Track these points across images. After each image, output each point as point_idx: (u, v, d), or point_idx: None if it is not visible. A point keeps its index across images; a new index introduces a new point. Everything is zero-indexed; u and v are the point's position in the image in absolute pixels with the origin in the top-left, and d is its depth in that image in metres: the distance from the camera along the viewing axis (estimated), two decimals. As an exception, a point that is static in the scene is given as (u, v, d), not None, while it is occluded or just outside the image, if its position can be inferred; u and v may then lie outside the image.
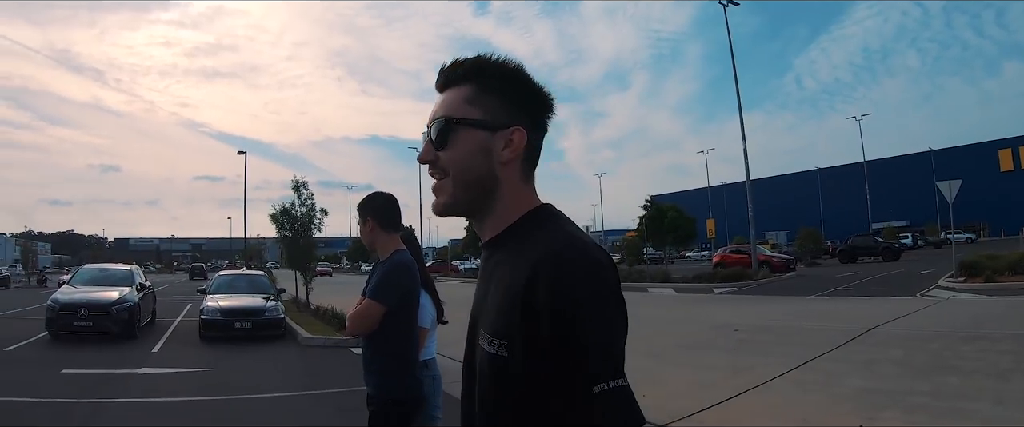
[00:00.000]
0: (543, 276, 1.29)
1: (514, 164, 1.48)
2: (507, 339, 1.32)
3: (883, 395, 7.63)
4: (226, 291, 18.90)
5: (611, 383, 1.22)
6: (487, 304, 1.43)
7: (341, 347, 14.46)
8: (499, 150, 1.46)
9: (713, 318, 16.06)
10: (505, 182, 1.47)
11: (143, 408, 9.25)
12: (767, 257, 38.81)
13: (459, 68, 1.51)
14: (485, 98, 1.47)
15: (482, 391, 1.40)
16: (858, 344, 10.89)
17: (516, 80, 1.50)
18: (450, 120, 1.47)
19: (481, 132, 1.46)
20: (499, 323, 1.35)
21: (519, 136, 1.46)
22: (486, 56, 1.51)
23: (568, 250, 1.33)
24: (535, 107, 1.51)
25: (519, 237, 1.43)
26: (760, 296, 24.10)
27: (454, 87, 1.51)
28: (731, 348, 11.43)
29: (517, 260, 1.36)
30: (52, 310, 16.15)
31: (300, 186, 23.92)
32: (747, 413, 7.21)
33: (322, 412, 9.05)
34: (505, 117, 1.46)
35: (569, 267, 1.29)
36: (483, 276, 1.52)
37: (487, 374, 1.37)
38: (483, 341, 1.38)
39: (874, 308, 16.41)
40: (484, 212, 1.50)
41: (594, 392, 1.21)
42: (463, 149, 1.46)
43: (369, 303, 3.84)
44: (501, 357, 1.33)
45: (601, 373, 1.22)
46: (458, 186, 1.47)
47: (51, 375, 11.35)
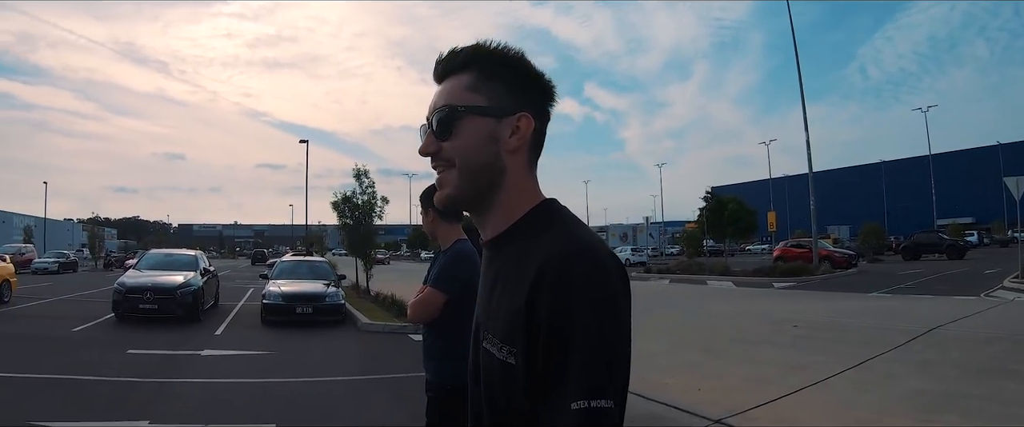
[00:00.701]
0: (546, 283, 1.25)
1: (521, 152, 1.43)
2: (515, 346, 1.29)
3: (941, 398, 7.51)
4: (288, 277, 19.20)
5: (592, 403, 1.16)
6: (493, 307, 1.38)
7: (399, 333, 14.65)
8: (506, 137, 1.41)
9: (771, 313, 15.92)
10: (512, 172, 1.43)
11: (205, 388, 9.49)
12: (829, 252, 38.27)
13: (458, 56, 1.46)
14: (488, 85, 1.42)
15: (491, 395, 1.38)
16: (917, 344, 10.72)
17: (519, 65, 1.44)
18: (454, 108, 1.41)
19: (487, 119, 1.41)
20: (507, 329, 1.31)
21: (526, 122, 1.41)
22: (485, 42, 1.45)
23: (572, 257, 1.27)
24: (539, 94, 1.46)
25: (525, 237, 1.39)
26: (820, 292, 23.77)
27: (454, 76, 1.46)
28: (788, 344, 11.33)
29: (523, 263, 1.32)
30: (118, 293, 16.62)
31: (361, 174, 24.11)
32: (802, 411, 7.16)
33: (380, 396, 9.19)
34: (510, 103, 1.41)
35: (570, 276, 1.25)
36: (487, 276, 1.47)
37: (496, 379, 1.35)
38: (491, 346, 1.35)
39: (936, 307, 16.12)
40: (489, 204, 1.45)
41: (572, 409, 1.16)
42: (469, 137, 1.41)
43: (431, 291, 3.92)
44: (509, 364, 1.30)
45: (583, 390, 1.17)
46: (464, 176, 1.42)
47: (117, 355, 11.69)
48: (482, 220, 1.48)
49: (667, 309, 17.17)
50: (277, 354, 12.54)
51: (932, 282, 25.92)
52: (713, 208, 40.78)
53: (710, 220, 41.72)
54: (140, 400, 8.44)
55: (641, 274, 39.35)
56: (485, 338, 1.38)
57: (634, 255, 60.61)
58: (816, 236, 37.41)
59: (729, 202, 39.81)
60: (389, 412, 8.27)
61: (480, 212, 1.47)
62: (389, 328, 15.52)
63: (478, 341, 1.43)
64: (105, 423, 7.31)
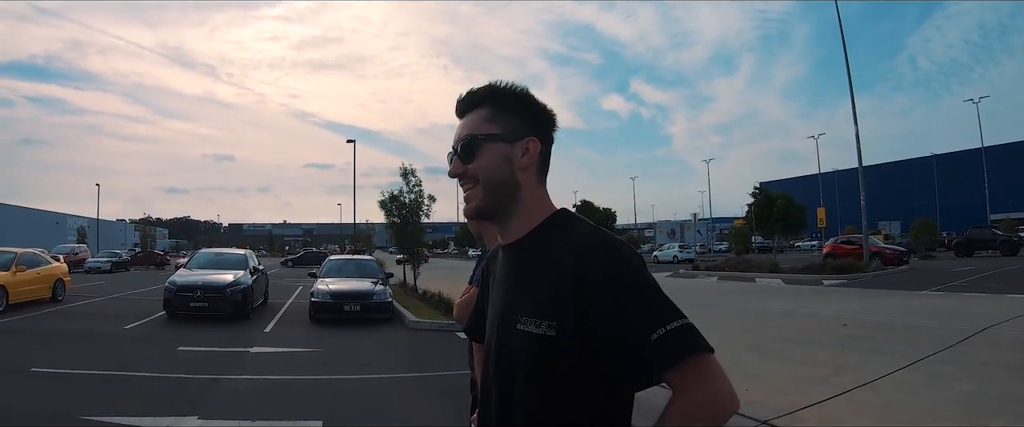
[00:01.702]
0: (591, 258, 1.54)
1: (531, 170, 1.75)
2: (556, 319, 1.55)
3: (993, 401, 7.32)
4: (336, 275, 19.43)
5: (668, 326, 1.46)
6: (525, 292, 1.65)
7: (447, 331, 14.70)
8: (518, 157, 1.72)
9: (821, 311, 15.71)
10: (525, 185, 1.74)
11: (253, 385, 9.62)
12: (879, 248, 37.55)
13: (476, 95, 1.79)
14: (501, 116, 1.74)
15: (525, 373, 1.61)
16: (970, 344, 10.50)
17: (525, 100, 1.77)
18: (475, 137, 1.73)
19: (502, 144, 1.72)
20: (546, 306, 1.57)
21: (534, 145, 1.74)
22: (496, 82, 1.79)
23: (605, 238, 1.60)
24: (543, 122, 1.78)
25: (547, 236, 1.69)
26: (871, 290, 23.40)
27: (473, 111, 1.78)
28: (838, 344, 11.17)
29: (557, 252, 1.60)
30: (169, 291, 16.96)
31: (408, 173, 24.29)
32: (850, 413, 7.05)
33: (427, 394, 9.23)
34: (520, 130, 1.73)
35: (610, 249, 1.56)
36: (513, 272, 1.74)
37: (533, 356, 1.58)
38: (527, 326, 1.59)
39: (989, 306, 15.77)
40: (509, 213, 1.74)
41: (652, 339, 1.45)
42: (489, 159, 1.72)
43: (476, 291, 3.93)
44: (549, 337, 1.55)
45: (655, 320, 1.47)
46: (486, 190, 1.73)
47: (168, 352, 11.92)
48: (503, 227, 1.78)
49: (714, 307, 17.02)
50: (325, 351, 12.66)
51: (985, 279, 25.37)
52: (761, 204, 40.43)
53: (758, 216, 41.43)
54: (189, 396, 8.57)
55: (689, 271, 39.06)
56: (520, 322, 1.62)
57: (681, 252, 59.32)
58: (866, 232, 36.79)
59: (777, 198, 39.42)
60: (434, 410, 8.30)
61: (501, 220, 1.77)
62: (436, 326, 15.60)
63: (508, 326, 1.66)
64: (155, 418, 7.42)
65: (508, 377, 1.66)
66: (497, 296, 1.79)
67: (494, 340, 1.74)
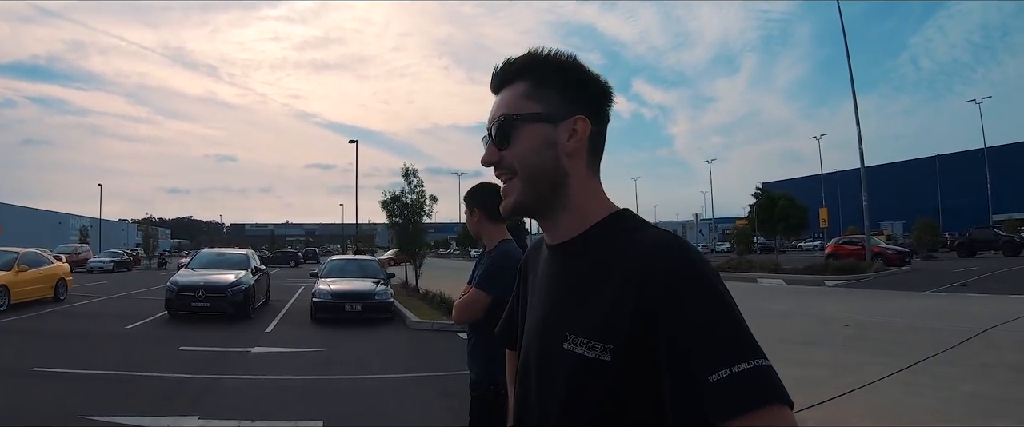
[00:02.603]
0: (658, 273, 1.24)
1: (580, 155, 1.44)
2: (611, 341, 1.26)
3: (995, 402, 7.33)
4: (337, 275, 19.44)
5: (734, 368, 1.14)
6: (578, 307, 1.35)
7: (448, 331, 14.69)
8: (564, 141, 1.42)
9: (823, 312, 15.73)
10: (573, 175, 1.43)
11: (254, 385, 9.62)
12: (881, 249, 37.61)
13: (512, 65, 1.48)
14: (542, 91, 1.43)
15: (572, 397, 1.33)
16: (972, 345, 10.50)
17: (571, 70, 1.46)
18: (510, 117, 1.43)
19: (543, 125, 1.42)
20: (601, 326, 1.28)
21: (582, 125, 1.42)
22: (538, 50, 1.47)
23: (680, 249, 1.28)
24: (593, 96, 1.46)
25: (606, 241, 1.38)
26: (873, 290, 23.41)
27: (510, 86, 1.48)
28: (840, 345, 11.18)
29: (617, 263, 1.31)
30: (171, 291, 16.97)
31: (410, 173, 24.22)
32: (852, 414, 7.05)
33: (427, 394, 9.21)
34: (565, 108, 1.42)
35: (684, 264, 1.25)
36: (559, 277, 1.45)
37: (582, 381, 1.30)
38: (577, 346, 1.31)
39: (991, 307, 15.77)
40: (555, 208, 1.45)
41: (711, 381, 1.13)
42: (527, 144, 1.42)
43: (475, 292, 3.92)
44: (603, 362, 1.27)
45: (722, 360, 1.15)
46: (526, 182, 1.43)
47: (169, 352, 11.91)
48: (550, 224, 1.48)
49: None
50: (326, 351, 12.65)
51: (987, 280, 25.33)
52: (763, 205, 40.37)
53: (760, 217, 41.33)
54: (190, 396, 8.56)
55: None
56: (566, 340, 1.33)
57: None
58: (869, 233, 36.83)
59: (780, 198, 39.37)
60: (435, 410, 8.30)
61: (547, 216, 1.48)
62: (437, 326, 15.58)
63: (551, 344, 1.39)
64: (155, 418, 7.42)
65: (551, 394, 1.38)
66: (539, 303, 1.50)
67: (534, 354, 1.46)
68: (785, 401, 1.16)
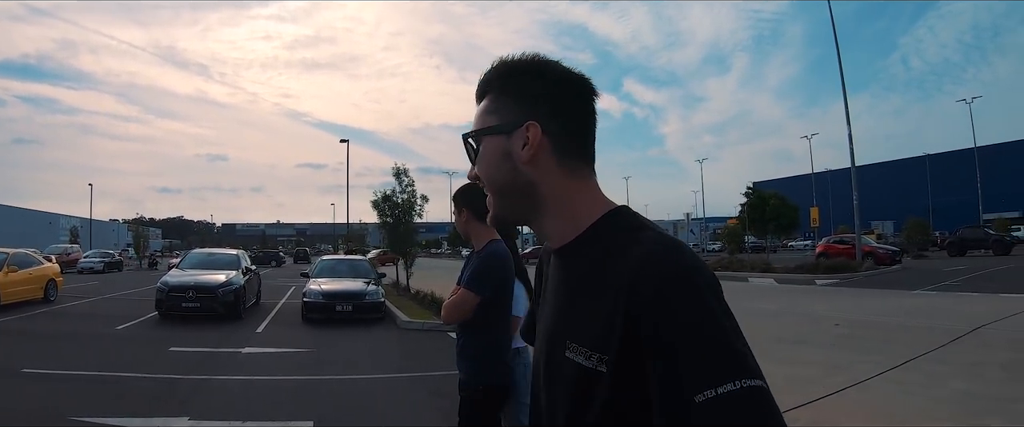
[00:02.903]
0: (648, 280, 1.17)
1: (541, 160, 1.37)
2: (607, 353, 1.21)
3: (986, 400, 7.34)
4: (328, 275, 19.43)
5: (720, 389, 1.05)
6: (576, 312, 1.32)
7: (438, 331, 14.64)
8: (518, 150, 1.36)
9: (813, 311, 15.75)
10: (541, 181, 1.37)
11: (245, 385, 9.60)
12: (872, 248, 37.70)
13: (481, 82, 1.46)
14: (502, 101, 1.40)
15: (572, 405, 1.29)
16: (963, 344, 10.53)
17: (526, 73, 1.40)
18: (467, 135, 1.43)
19: (499, 137, 1.39)
20: (597, 336, 1.23)
21: (533, 131, 1.35)
22: (503, 58, 1.44)
23: (673, 254, 1.21)
24: (552, 94, 1.39)
25: (603, 242, 1.32)
26: (863, 289, 23.47)
27: (482, 99, 1.45)
28: (830, 343, 11.19)
29: (611, 268, 1.25)
30: (162, 291, 16.92)
31: (401, 173, 24.25)
32: (843, 413, 7.06)
33: (417, 394, 9.22)
34: (518, 115, 1.37)
35: (675, 271, 1.18)
36: (561, 281, 1.41)
37: (582, 390, 1.26)
38: (575, 354, 1.27)
39: (982, 305, 15.82)
40: (537, 215, 1.41)
41: (697, 402, 1.05)
42: (487, 159, 1.40)
43: (464, 293, 3.92)
44: (599, 372, 1.22)
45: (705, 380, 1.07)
46: (494, 196, 1.43)
47: (159, 352, 11.88)
48: (542, 230, 1.44)
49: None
50: (317, 351, 12.63)
51: (978, 279, 25.41)
52: (754, 204, 40.44)
53: (751, 216, 41.39)
54: (181, 397, 8.53)
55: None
56: (568, 347, 1.29)
57: (674, 252, 59.31)
58: (859, 232, 36.85)
59: (770, 198, 39.45)
60: (425, 410, 8.29)
61: (533, 224, 1.44)
62: (428, 326, 15.54)
63: (556, 350, 1.35)
64: (146, 419, 7.40)
65: (556, 401, 1.35)
66: (547, 307, 1.46)
67: (543, 355, 1.42)
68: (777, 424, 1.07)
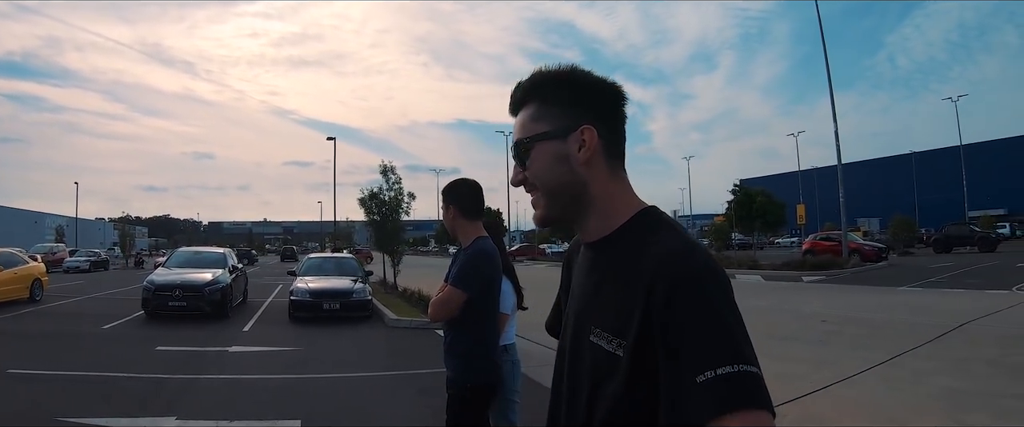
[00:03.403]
0: (663, 274, 1.31)
1: (595, 162, 1.51)
2: (625, 338, 1.35)
3: (973, 396, 7.40)
4: (315, 273, 19.34)
5: (719, 370, 1.19)
6: (601, 301, 1.46)
7: (426, 329, 14.60)
8: (575, 153, 1.49)
9: (800, 307, 15.81)
10: (592, 181, 1.51)
11: (232, 385, 9.55)
12: (858, 245, 37.87)
13: (519, 91, 1.59)
14: (548, 109, 1.53)
15: (595, 387, 1.42)
16: (949, 340, 10.59)
17: (570, 83, 1.54)
18: (522, 141, 1.55)
19: (553, 142, 1.51)
20: (617, 322, 1.37)
21: (589, 134, 1.49)
22: (540, 70, 1.57)
23: (688, 251, 1.35)
24: (598, 102, 1.54)
25: (632, 239, 1.46)
26: (850, 286, 23.57)
27: (522, 109, 1.58)
28: (817, 340, 11.24)
29: (636, 262, 1.38)
30: (148, 290, 16.85)
31: (388, 171, 24.24)
32: (830, 409, 7.09)
33: (405, 392, 9.21)
34: (570, 120, 1.50)
35: (687, 266, 1.31)
36: (590, 272, 1.55)
37: (602, 372, 1.40)
38: (599, 339, 1.41)
39: (967, 302, 15.92)
40: (581, 214, 1.54)
41: (698, 382, 1.19)
42: (542, 163, 1.52)
43: (451, 290, 3.90)
44: (618, 356, 1.35)
45: (705, 361, 1.20)
46: (548, 196, 1.54)
47: (146, 352, 11.83)
48: (583, 227, 1.57)
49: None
50: (304, 350, 12.58)
51: (963, 276, 25.54)
52: (741, 201, 40.69)
53: (738, 213, 41.64)
54: (168, 396, 8.49)
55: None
56: (592, 333, 1.43)
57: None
58: (845, 229, 37.02)
59: (757, 195, 39.69)
60: (413, 408, 8.26)
61: (575, 222, 1.58)
62: (416, 324, 15.49)
63: (581, 335, 1.49)
64: (132, 419, 7.36)
65: (578, 385, 1.49)
66: (575, 297, 1.62)
67: (569, 342, 1.57)
68: (766, 407, 1.21)
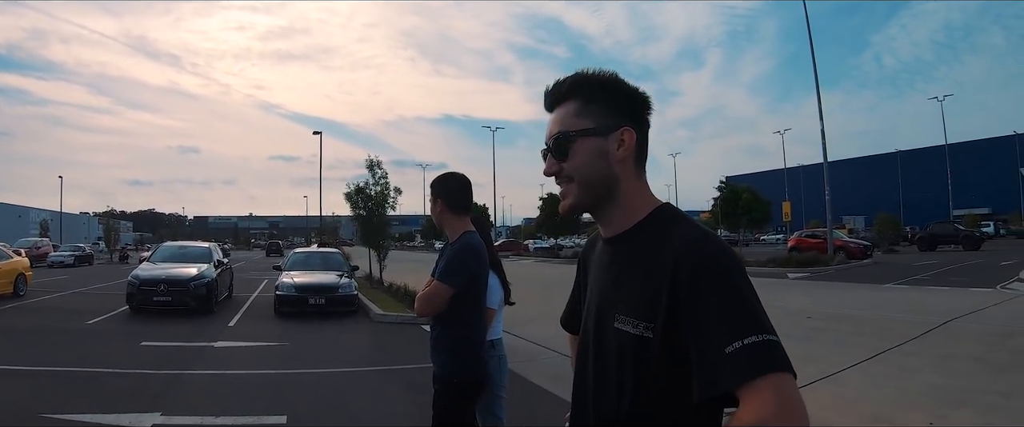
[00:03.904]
0: (686, 259, 1.46)
1: (628, 161, 1.68)
2: (653, 321, 1.49)
3: (956, 392, 7.44)
4: (301, 268, 19.28)
5: (746, 340, 1.35)
6: (624, 290, 1.60)
7: (412, 324, 14.61)
8: (614, 151, 1.66)
9: (786, 304, 15.82)
10: (623, 178, 1.67)
11: (217, 380, 9.50)
12: (843, 242, 38.03)
13: (562, 86, 1.72)
14: (591, 108, 1.67)
15: (621, 371, 1.57)
16: (933, 337, 10.64)
17: (614, 87, 1.69)
18: (566, 134, 1.68)
19: (595, 139, 1.66)
20: (643, 307, 1.52)
21: (629, 136, 1.66)
22: (583, 72, 1.71)
23: (705, 238, 1.50)
24: (636, 107, 1.70)
25: (651, 232, 1.62)
26: (835, 283, 23.63)
27: (562, 105, 1.72)
28: (802, 336, 11.24)
29: (657, 253, 1.53)
30: (133, 285, 16.75)
31: (374, 165, 24.22)
32: (816, 405, 7.08)
33: (391, 388, 9.20)
34: (612, 121, 1.66)
35: (707, 251, 1.47)
36: (610, 266, 1.69)
37: (630, 356, 1.54)
38: (625, 325, 1.56)
39: (951, 300, 16.01)
40: (608, 207, 1.69)
41: (727, 352, 1.34)
42: (583, 156, 1.66)
43: (437, 285, 3.89)
44: (647, 338, 1.50)
45: (733, 333, 1.36)
46: (582, 188, 1.68)
47: (131, 347, 11.75)
48: (604, 220, 1.73)
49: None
50: (290, 345, 12.53)
51: (947, 273, 25.69)
52: (727, 198, 40.77)
53: (724, 210, 41.70)
54: (153, 392, 8.43)
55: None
56: (617, 319, 1.58)
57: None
58: (831, 226, 37.18)
59: (743, 192, 39.77)
60: (400, 403, 8.25)
61: (600, 214, 1.72)
62: (402, 319, 15.51)
63: (605, 322, 1.63)
64: (117, 415, 7.30)
65: (605, 372, 1.63)
66: (596, 289, 1.75)
67: (591, 333, 1.71)
68: (789, 370, 1.37)
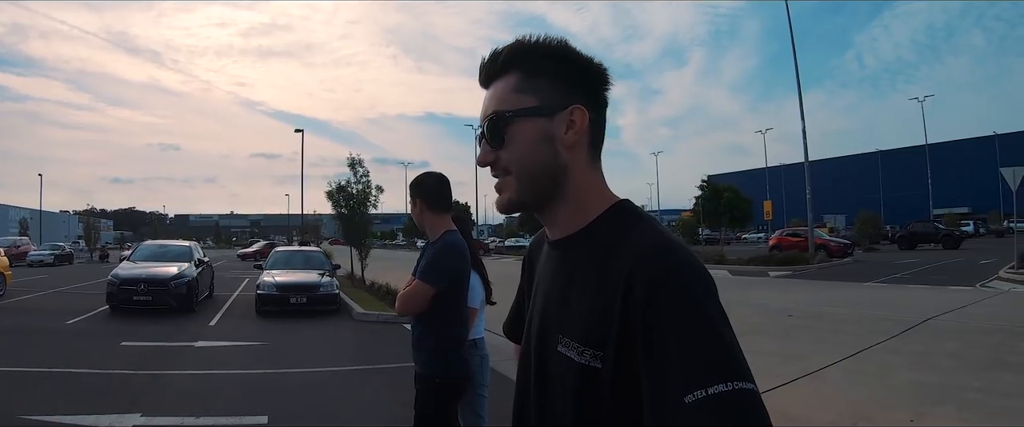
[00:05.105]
0: (642, 275, 1.16)
1: (579, 146, 1.35)
2: (601, 349, 1.20)
3: (936, 389, 7.49)
4: (282, 267, 19.21)
5: (710, 389, 1.03)
6: (570, 308, 1.30)
7: (394, 323, 14.56)
8: (562, 134, 1.33)
9: (767, 302, 15.89)
10: (573, 168, 1.35)
11: (198, 380, 9.45)
12: (824, 241, 38.34)
13: (499, 56, 1.38)
14: (534, 82, 1.34)
15: (562, 400, 1.29)
16: (913, 334, 10.70)
17: (563, 57, 1.36)
18: (502, 114, 1.35)
19: (538, 119, 1.33)
20: (591, 331, 1.23)
21: (580, 115, 1.33)
22: (525, 39, 1.38)
23: (667, 249, 1.20)
24: (589, 82, 1.38)
25: (603, 237, 1.31)
26: (816, 281, 23.78)
27: (499, 79, 1.38)
28: (784, 334, 11.31)
29: (609, 263, 1.24)
30: (113, 285, 16.60)
31: (356, 164, 24.19)
32: (797, 402, 7.12)
33: (373, 387, 9.19)
34: (560, 98, 1.33)
35: (668, 266, 1.17)
36: (556, 273, 1.39)
37: (571, 384, 1.26)
38: (568, 349, 1.27)
39: (931, 298, 16.13)
40: (553, 203, 1.37)
41: (686, 402, 1.04)
42: (523, 141, 1.34)
43: (419, 284, 3.88)
44: (593, 368, 1.22)
45: (696, 379, 1.05)
46: (523, 181, 1.35)
47: (110, 347, 11.66)
48: (548, 219, 1.42)
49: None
50: (271, 345, 12.49)
51: (928, 272, 25.92)
52: (709, 197, 40.84)
53: (706, 209, 41.80)
54: (133, 392, 8.38)
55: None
56: (560, 342, 1.30)
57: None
58: (812, 225, 37.43)
59: (725, 191, 39.88)
60: (381, 403, 8.23)
61: (545, 212, 1.41)
62: (384, 318, 15.46)
63: (547, 344, 1.35)
64: (97, 417, 7.24)
65: (545, 399, 1.36)
66: (538, 301, 1.45)
67: (532, 354, 1.41)
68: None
